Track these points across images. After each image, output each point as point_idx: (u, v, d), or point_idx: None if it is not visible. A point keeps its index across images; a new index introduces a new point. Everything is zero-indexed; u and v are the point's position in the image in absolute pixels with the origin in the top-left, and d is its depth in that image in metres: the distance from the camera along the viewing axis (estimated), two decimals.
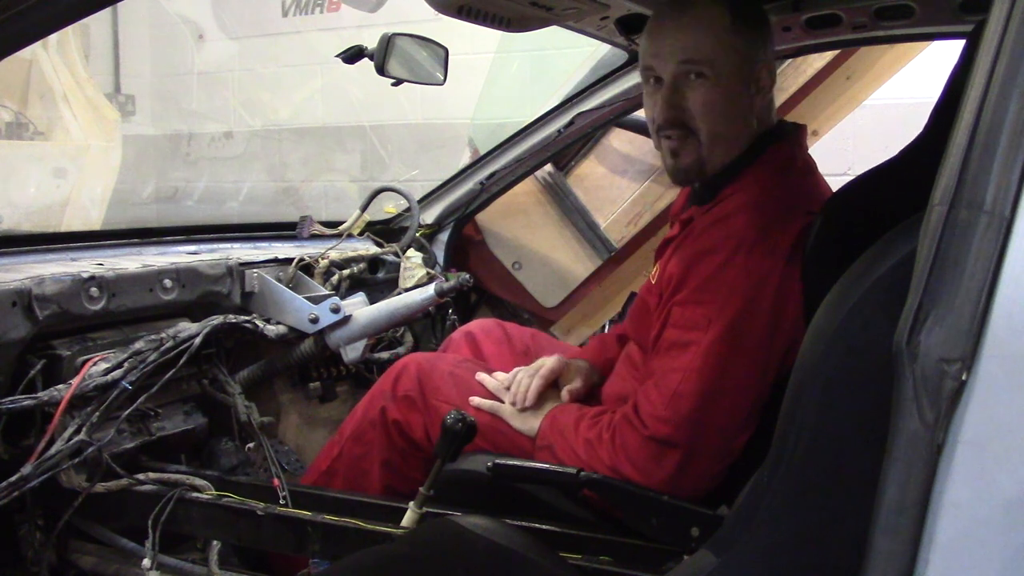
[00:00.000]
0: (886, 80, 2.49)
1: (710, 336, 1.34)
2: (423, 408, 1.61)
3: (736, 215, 1.39)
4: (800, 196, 1.44)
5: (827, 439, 0.94)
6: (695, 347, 1.36)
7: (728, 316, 1.34)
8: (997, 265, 0.75)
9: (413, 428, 1.61)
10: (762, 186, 1.42)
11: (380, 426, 1.64)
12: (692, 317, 1.37)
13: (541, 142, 2.22)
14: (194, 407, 1.73)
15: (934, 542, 0.77)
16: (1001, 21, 0.78)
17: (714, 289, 1.35)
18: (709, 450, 1.37)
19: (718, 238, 1.38)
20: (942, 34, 1.65)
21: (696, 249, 1.40)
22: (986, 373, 0.75)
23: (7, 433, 1.53)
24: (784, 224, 1.37)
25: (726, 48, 1.40)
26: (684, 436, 1.35)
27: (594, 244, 2.58)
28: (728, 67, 1.41)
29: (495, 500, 1.46)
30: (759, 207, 1.39)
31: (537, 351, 1.84)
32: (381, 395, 1.66)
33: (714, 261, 1.36)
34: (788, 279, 1.35)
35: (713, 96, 1.42)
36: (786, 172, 1.46)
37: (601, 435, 1.43)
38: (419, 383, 1.63)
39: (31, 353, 1.58)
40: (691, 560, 1.16)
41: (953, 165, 0.78)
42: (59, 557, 1.67)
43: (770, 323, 1.35)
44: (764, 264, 1.34)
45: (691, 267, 1.38)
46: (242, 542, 1.59)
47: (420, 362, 1.68)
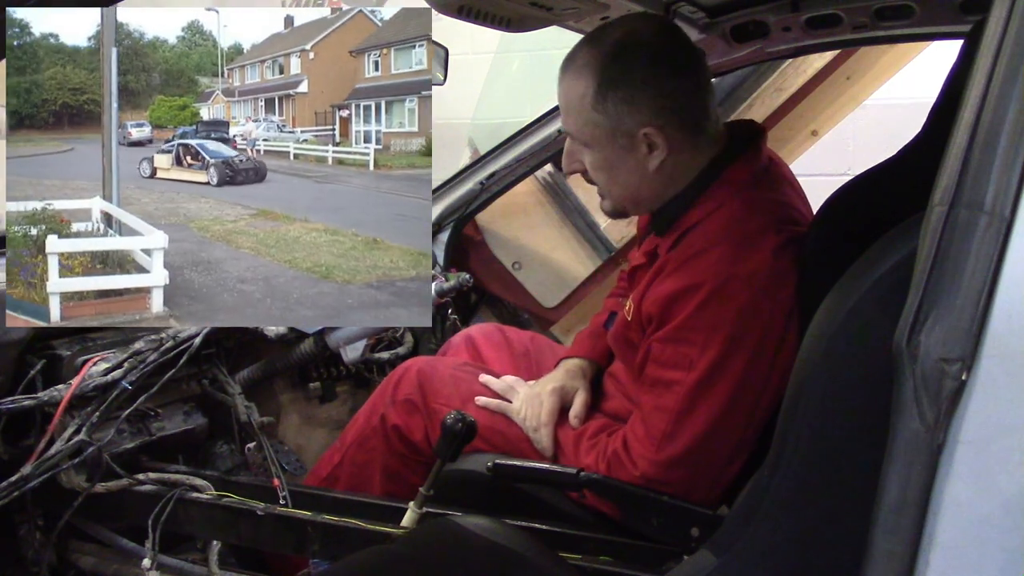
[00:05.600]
0: (886, 80, 2.49)
1: (693, 377, 1.33)
2: (424, 411, 1.60)
3: (705, 253, 1.35)
4: (769, 212, 1.40)
5: (827, 439, 0.94)
6: (679, 387, 1.34)
7: (710, 356, 1.32)
8: (997, 265, 0.75)
9: (413, 432, 1.61)
10: (727, 215, 1.38)
11: (381, 432, 1.63)
12: (674, 356, 1.35)
13: (541, 142, 2.22)
14: (194, 407, 1.73)
15: (934, 542, 0.77)
16: (1001, 21, 0.78)
17: (694, 328, 1.33)
18: (703, 482, 1.36)
19: (693, 278, 1.34)
20: (942, 34, 1.65)
21: (671, 289, 1.36)
22: (986, 373, 0.75)
23: (7, 433, 1.53)
24: (756, 248, 1.34)
25: (590, 123, 1.39)
26: (676, 476, 1.35)
27: (594, 244, 2.58)
28: (596, 140, 1.41)
29: (495, 500, 1.46)
30: (725, 238, 1.35)
31: (536, 355, 1.84)
32: (382, 400, 1.66)
33: (692, 302, 1.33)
34: (770, 300, 1.32)
35: (594, 164, 1.43)
36: (747, 191, 1.41)
37: (598, 464, 1.43)
38: (420, 387, 1.62)
39: (31, 353, 1.59)
40: (691, 560, 1.16)
41: (953, 165, 0.78)
42: (59, 557, 1.67)
43: (755, 354, 1.32)
44: (742, 296, 1.31)
45: (669, 307, 1.36)
46: (242, 542, 1.59)
47: (421, 366, 1.67)
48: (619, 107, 1.37)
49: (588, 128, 1.40)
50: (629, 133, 1.38)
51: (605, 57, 1.37)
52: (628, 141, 1.39)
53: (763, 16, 1.73)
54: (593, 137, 1.41)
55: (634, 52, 1.38)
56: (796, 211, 1.44)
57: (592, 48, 1.40)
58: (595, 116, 1.38)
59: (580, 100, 1.39)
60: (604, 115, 1.38)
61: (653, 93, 1.37)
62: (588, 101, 1.38)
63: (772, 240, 1.35)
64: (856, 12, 1.64)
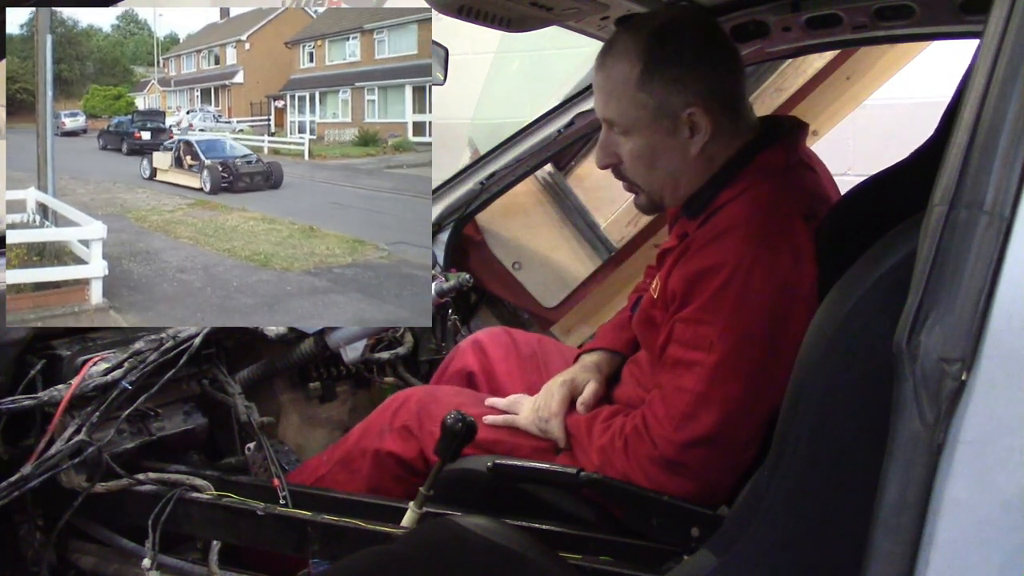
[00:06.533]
0: (886, 80, 2.49)
1: (713, 358, 1.33)
2: (420, 436, 1.59)
3: (732, 232, 1.36)
4: (797, 200, 1.41)
5: (827, 439, 0.94)
6: (700, 368, 1.34)
7: (731, 338, 1.32)
8: (997, 265, 0.75)
9: (406, 452, 1.60)
10: (754, 196, 1.39)
11: (372, 456, 1.62)
12: (695, 337, 1.36)
13: (541, 142, 2.22)
14: (194, 407, 1.73)
15: (934, 542, 0.77)
16: (1001, 21, 0.78)
17: (716, 310, 1.34)
18: (721, 466, 1.36)
19: (716, 258, 1.35)
20: (942, 34, 1.64)
21: (696, 268, 1.37)
22: (986, 373, 0.75)
23: (7, 433, 1.53)
24: (783, 234, 1.35)
25: (635, 106, 1.39)
26: (695, 457, 1.35)
27: (594, 244, 2.58)
28: (639, 124, 1.40)
29: (495, 500, 1.46)
30: (754, 221, 1.36)
31: (544, 356, 1.84)
32: (377, 426, 1.65)
33: (714, 282, 1.34)
34: (793, 289, 1.33)
35: (634, 152, 1.43)
36: (778, 177, 1.42)
37: (614, 442, 1.42)
38: (418, 415, 1.61)
39: (31, 353, 1.59)
40: (691, 560, 1.16)
41: (953, 165, 0.78)
42: (59, 557, 1.67)
43: (774, 340, 1.32)
44: (765, 281, 1.32)
45: (692, 286, 1.36)
46: (242, 542, 1.59)
47: (421, 396, 1.66)
48: (667, 87, 1.38)
49: (632, 111, 1.40)
50: (673, 115, 1.39)
51: (651, 39, 1.39)
52: (671, 123, 1.40)
53: (763, 16, 1.73)
54: (636, 121, 1.40)
55: (682, 33, 1.40)
56: (827, 202, 1.45)
57: (634, 33, 1.41)
58: (640, 97, 1.39)
59: (624, 83, 1.39)
60: (650, 96, 1.39)
61: (700, 74, 1.39)
62: (633, 83, 1.38)
63: (799, 225, 1.36)
64: (856, 12, 1.64)
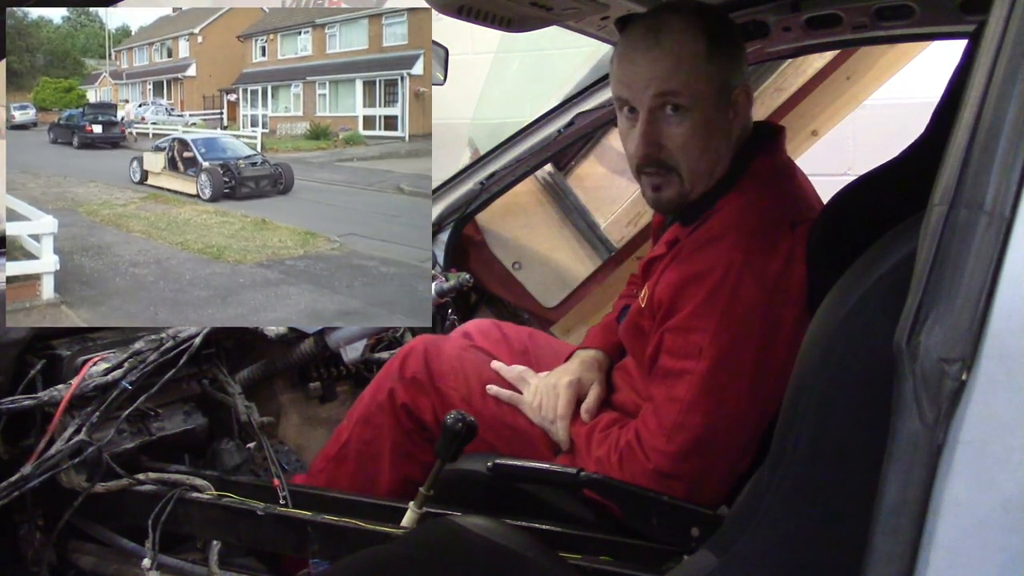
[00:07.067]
0: (886, 80, 2.49)
1: (703, 365, 1.32)
2: (431, 391, 1.62)
3: (723, 237, 1.36)
4: (786, 205, 1.41)
5: (827, 439, 0.94)
6: (690, 377, 1.34)
7: (720, 344, 1.32)
8: (997, 265, 0.75)
9: (422, 411, 1.63)
10: (747, 201, 1.39)
11: (388, 408, 1.64)
12: (685, 345, 1.35)
13: (541, 142, 2.22)
14: (194, 407, 1.73)
15: (934, 542, 0.77)
16: (1001, 21, 0.77)
17: (705, 316, 1.33)
18: (715, 475, 1.36)
19: (706, 263, 1.35)
20: (942, 34, 1.65)
21: (684, 274, 1.37)
22: (986, 373, 0.75)
23: (7, 433, 1.53)
24: (773, 239, 1.35)
25: (703, 78, 1.37)
26: (688, 468, 1.35)
27: (594, 244, 2.58)
28: (702, 98, 1.38)
29: (495, 500, 1.46)
30: (745, 226, 1.36)
31: (535, 351, 1.84)
32: (388, 377, 1.67)
33: (703, 288, 1.33)
34: (783, 294, 1.32)
35: (692, 130, 1.38)
36: (769, 183, 1.43)
37: (610, 456, 1.42)
38: (427, 366, 1.64)
39: (31, 353, 1.59)
40: (691, 560, 1.16)
41: (953, 165, 0.78)
42: (59, 557, 1.67)
43: (765, 345, 1.32)
44: (754, 286, 1.32)
45: (680, 293, 1.36)
46: (242, 542, 1.59)
47: (427, 345, 1.69)
48: (728, 63, 1.41)
49: (700, 84, 1.38)
50: (729, 91, 1.41)
51: (710, 16, 1.40)
52: (725, 100, 1.41)
53: (763, 16, 1.73)
54: (701, 95, 1.38)
55: (726, 15, 1.46)
56: (812, 207, 1.45)
57: (685, 13, 1.40)
58: (709, 69, 1.38)
59: (693, 56, 1.37)
60: (717, 68, 1.39)
61: (744, 54, 1.46)
62: (702, 56, 1.37)
63: (787, 232, 1.36)
64: (856, 12, 1.64)
